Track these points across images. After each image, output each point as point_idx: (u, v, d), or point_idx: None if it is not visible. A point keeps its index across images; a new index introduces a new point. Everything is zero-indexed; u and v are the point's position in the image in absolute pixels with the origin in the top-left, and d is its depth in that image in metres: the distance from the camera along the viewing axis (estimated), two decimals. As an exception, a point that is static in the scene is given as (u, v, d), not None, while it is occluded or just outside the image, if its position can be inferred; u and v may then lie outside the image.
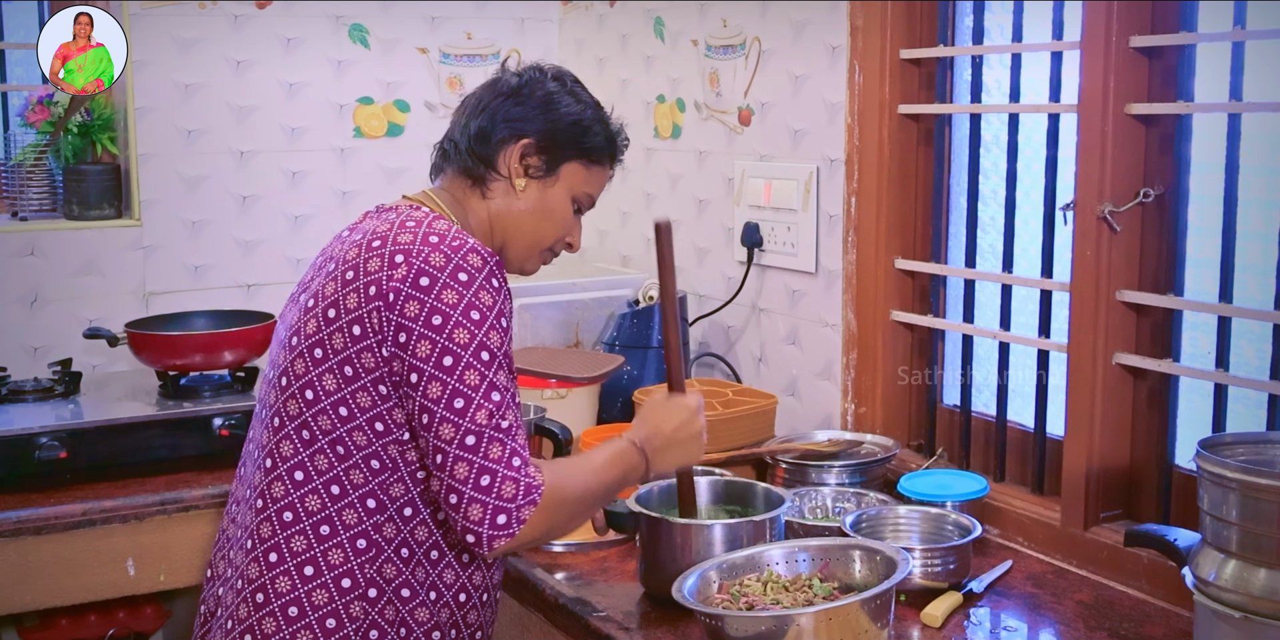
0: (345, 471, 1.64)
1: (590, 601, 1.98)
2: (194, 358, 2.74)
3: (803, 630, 1.65)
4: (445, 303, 1.58)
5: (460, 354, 1.57)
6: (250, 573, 1.67)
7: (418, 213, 1.70)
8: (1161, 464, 2.09)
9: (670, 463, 1.84)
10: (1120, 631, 1.88)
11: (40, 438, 2.49)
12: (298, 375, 1.65)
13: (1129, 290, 2.07)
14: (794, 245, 2.69)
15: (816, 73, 2.60)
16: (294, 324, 1.69)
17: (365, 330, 1.60)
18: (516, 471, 1.57)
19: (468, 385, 1.57)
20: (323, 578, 1.65)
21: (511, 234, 1.81)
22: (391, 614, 1.67)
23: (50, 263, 2.98)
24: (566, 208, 1.82)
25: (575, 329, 2.99)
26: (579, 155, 1.80)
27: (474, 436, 1.57)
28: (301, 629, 1.64)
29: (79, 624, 2.96)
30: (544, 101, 1.78)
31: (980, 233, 2.41)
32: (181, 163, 3.08)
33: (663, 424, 1.82)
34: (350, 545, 1.65)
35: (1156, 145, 2.05)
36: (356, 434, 1.63)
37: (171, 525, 2.48)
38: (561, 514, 1.63)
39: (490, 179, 1.79)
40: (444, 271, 1.59)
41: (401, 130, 3.30)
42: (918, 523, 2.12)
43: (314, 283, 1.72)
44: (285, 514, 1.66)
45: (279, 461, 1.67)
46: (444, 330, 1.57)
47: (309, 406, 1.64)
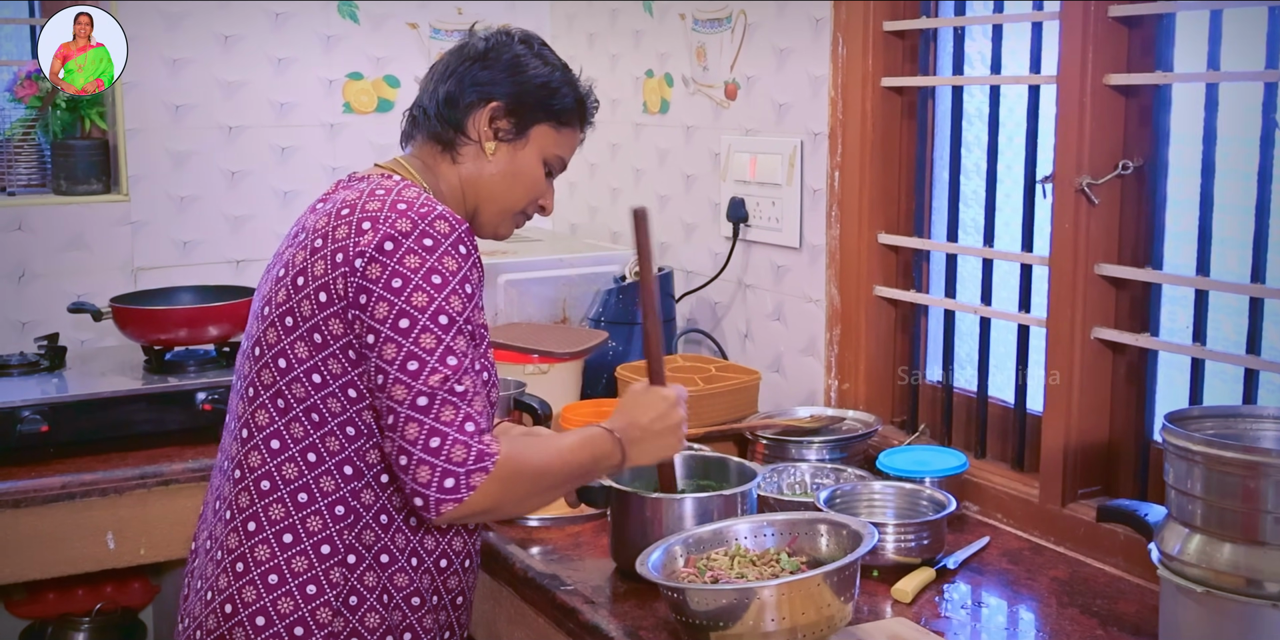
0: (321, 439, 1.64)
1: (560, 576, 1.97)
2: (179, 332, 2.74)
3: (765, 604, 1.63)
4: (406, 266, 1.57)
5: (418, 317, 1.56)
6: (230, 542, 1.67)
7: (388, 181, 1.70)
8: (1139, 440, 2.07)
9: (647, 455, 1.81)
10: (1093, 608, 1.86)
11: (23, 411, 2.49)
12: (270, 344, 1.65)
13: (1108, 264, 2.04)
14: (779, 220, 2.66)
15: (801, 46, 2.57)
16: (266, 294, 1.69)
17: (331, 297, 1.60)
18: (469, 436, 1.55)
19: (423, 348, 1.56)
20: (302, 545, 1.64)
21: (483, 198, 1.80)
22: (372, 580, 1.66)
23: (38, 238, 2.98)
24: (537, 170, 1.81)
25: (563, 305, 2.97)
26: (548, 117, 1.79)
27: (426, 398, 1.55)
28: (282, 596, 1.63)
29: (67, 598, 2.98)
30: (511, 64, 1.77)
31: (963, 206, 2.38)
32: (170, 138, 3.08)
33: (640, 415, 1.79)
34: (329, 512, 1.64)
35: (1136, 116, 2.02)
36: (330, 401, 1.62)
37: (151, 499, 2.48)
38: (516, 487, 1.60)
39: (460, 143, 1.78)
40: (409, 237, 1.58)
41: (391, 106, 3.28)
42: (892, 498, 2.10)
43: (286, 252, 1.72)
44: (263, 483, 1.66)
45: (255, 431, 1.67)
46: (403, 293, 1.56)
47: (282, 375, 1.64)
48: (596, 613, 1.84)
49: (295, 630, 1.63)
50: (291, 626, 1.63)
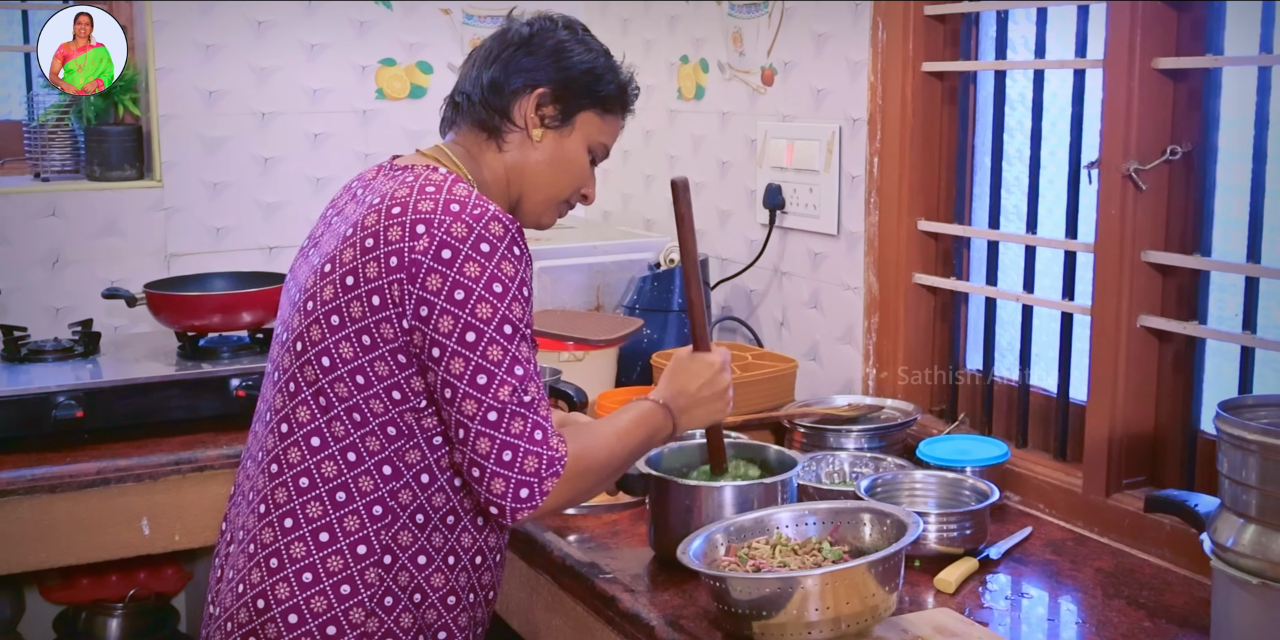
0: (362, 439, 1.62)
1: (598, 564, 1.96)
2: (212, 318, 2.73)
3: (809, 593, 1.61)
4: (468, 276, 1.55)
5: (484, 329, 1.54)
6: (264, 538, 1.65)
7: (435, 175, 1.66)
8: (1186, 429, 2.04)
9: (697, 421, 1.83)
10: (1139, 600, 1.83)
11: (58, 396, 2.49)
12: (314, 342, 1.62)
13: (1154, 251, 2.01)
14: (816, 207, 2.64)
15: (839, 30, 2.54)
16: (309, 288, 1.65)
17: (385, 301, 1.57)
18: (539, 445, 1.55)
19: (491, 361, 1.55)
20: (338, 544, 1.62)
21: (528, 186, 1.78)
22: (406, 580, 1.64)
23: (72, 224, 2.98)
24: (583, 158, 1.79)
25: (597, 292, 2.95)
26: (594, 104, 1.77)
27: (496, 413, 1.54)
28: (315, 595, 1.62)
29: (100, 584, 2.98)
30: (556, 50, 1.74)
31: (1004, 193, 2.35)
32: (202, 124, 3.07)
33: (688, 383, 1.80)
34: (366, 512, 1.63)
35: (1184, 101, 1.99)
36: (373, 402, 1.61)
37: (186, 485, 2.48)
38: (586, 481, 1.61)
39: (506, 131, 1.75)
40: (466, 243, 1.55)
41: (424, 92, 3.27)
42: (934, 487, 2.07)
43: (326, 241, 1.69)
44: (301, 480, 1.64)
45: (295, 427, 1.65)
46: (467, 305, 1.54)
47: (325, 373, 1.62)
48: (636, 601, 1.82)
49: (328, 629, 1.61)
50: (324, 625, 1.61)
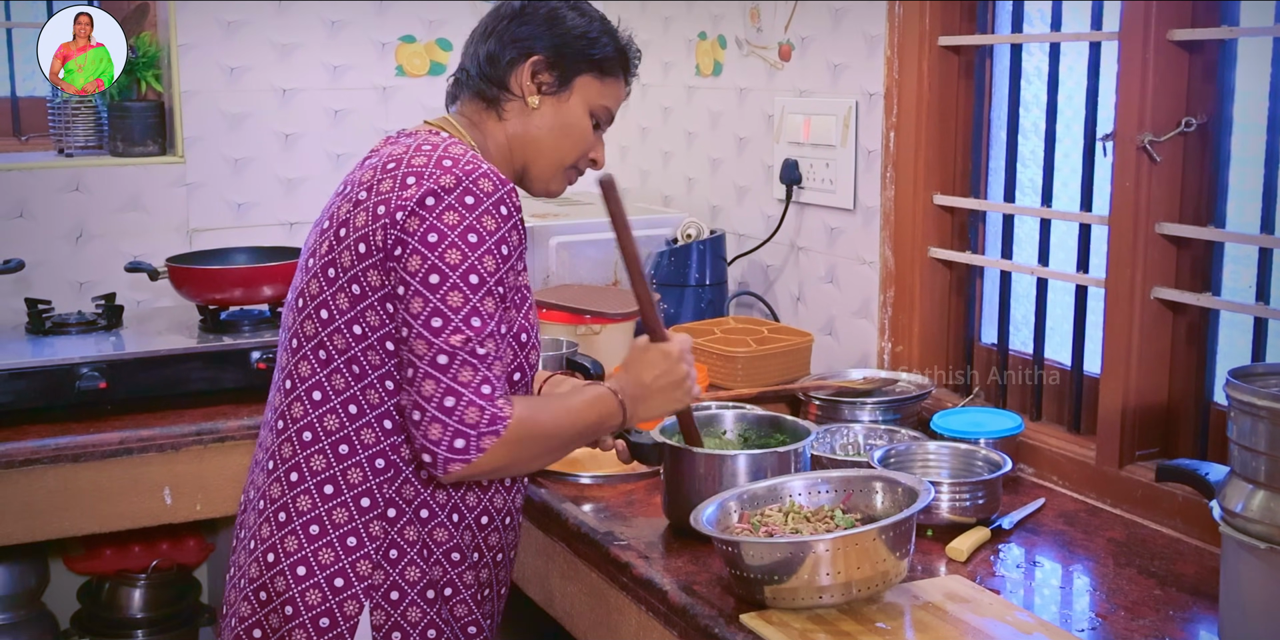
0: (362, 391, 1.65)
1: (614, 532, 1.98)
2: (234, 292, 2.75)
3: (820, 558, 1.63)
4: (445, 222, 1.57)
5: (448, 274, 1.57)
6: (272, 492, 1.69)
7: (435, 137, 1.70)
8: (1199, 401, 2.05)
9: (653, 410, 1.80)
10: (1150, 569, 1.84)
11: (81, 368, 2.52)
12: (312, 296, 1.66)
13: (1169, 223, 2.02)
14: (832, 182, 2.65)
15: (856, 6, 2.55)
16: (311, 246, 1.70)
17: (370, 248, 1.60)
18: (484, 399, 1.56)
19: (449, 306, 1.57)
20: (342, 496, 1.66)
21: (532, 154, 1.80)
22: (412, 534, 1.67)
23: (95, 199, 3.01)
24: (584, 122, 1.80)
25: (614, 267, 2.97)
26: (590, 68, 1.79)
27: (446, 356, 1.56)
28: (323, 547, 1.65)
29: (123, 555, 3.02)
30: (548, 18, 1.78)
31: (1020, 167, 2.35)
32: (225, 100, 3.09)
33: (641, 373, 1.78)
34: (369, 464, 1.66)
35: (1199, 73, 1.99)
36: (370, 353, 1.63)
37: (208, 456, 2.50)
38: (526, 449, 1.61)
39: (504, 100, 1.78)
40: (451, 193, 1.58)
41: (444, 69, 3.28)
42: (947, 458, 2.09)
43: (331, 205, 1.73)
44: (305, 433, 1.67)
45: (298, 382, 1.68)
46: (437, 248, 1.57)
47: (324, 326, 1.65)
48: (650, 567, 1.84)
49: (335, 581, 1.65)
50: (332, 577, 1.65)
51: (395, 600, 1.67)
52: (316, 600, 1.65)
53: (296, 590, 1.65)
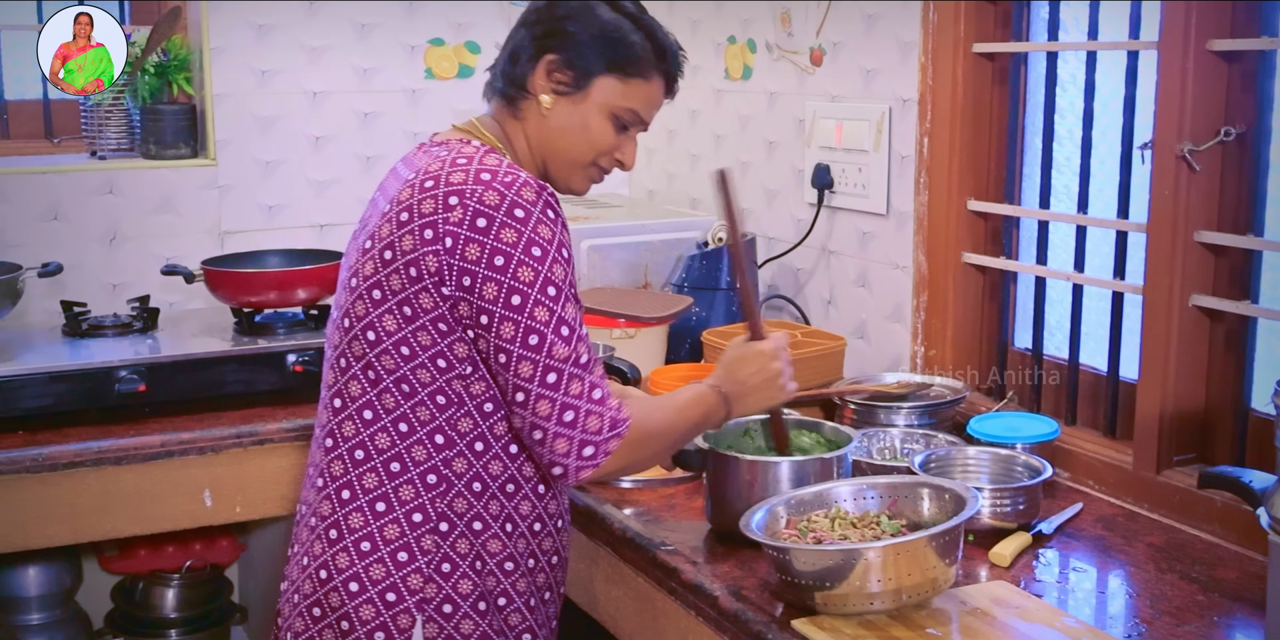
0: (412, 409, 1.66)
1: (659, 536, 2.00)
2: (268, 295, 2.77)
3: (870, 565, 1.65)
4: (505, 242, 1.58)
5: (528, 292, 1.58)
6: (323, 510, 1.71)
7: (468, 148, 1.69)
8: (1237, 407, 2.07)
9: (752, 407, 1.87)
10: (1192, 574, 1.86)
11: (120, 371, 2.54)
12: (358, 316, 1.67)
13: (1207, 231, 2.04)
14: (865, 187, 2.67)
15: (890, 11, 2.56)
16: (353, 265, 1.70)
17: (421, 272, 1.61)
18: (600, 404, 1.60)
19: (539, 321, 1.58)
20: (394, 513, 1.67)
21: (548, 153, 1.79)
22: (464, 547, 1.69)
23: (128, 201, 3.03)
24: (602, 124, 1.76)
25: (644, 270, 2.99)
26: (610, 68, 1.74)
27: (554, 374, 1.59)
28: (374, 563, 1.67)
29: (157, 555, 3.05)
30: (576, 15, 1.74)
31: (1055, 173, 2.37)
32: (256, 103, 3.11)
33: (739, 370, 1.84)
34: (420, 480, 1.67)
35: (1238, 82, 2.01)
36: (420, 371, 1.65)
37: (247, 458, 2.53)
38: (645, 449, 1.66)
39: (521, 99, 1.77)
40: (499, 210, 1.59)
41: (472, 72, 3.30)
42: (987, 463, 2.11)
43: (370, 220, 1.74)
44: (356, 452, 1.69)
45: (348, 401, 1.69)
46: (508, 270, 1.58)
47: (371, 347, 1.66)
48: (699, 572, 1.86)
49: (388, 596, 1.66)
50: (384, 592, 1.66)
51: (448, 613, 1.68)
52: (370, 615, 1.66)
53: (350, 606, 1.67)
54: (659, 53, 1.78)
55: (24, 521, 2.38)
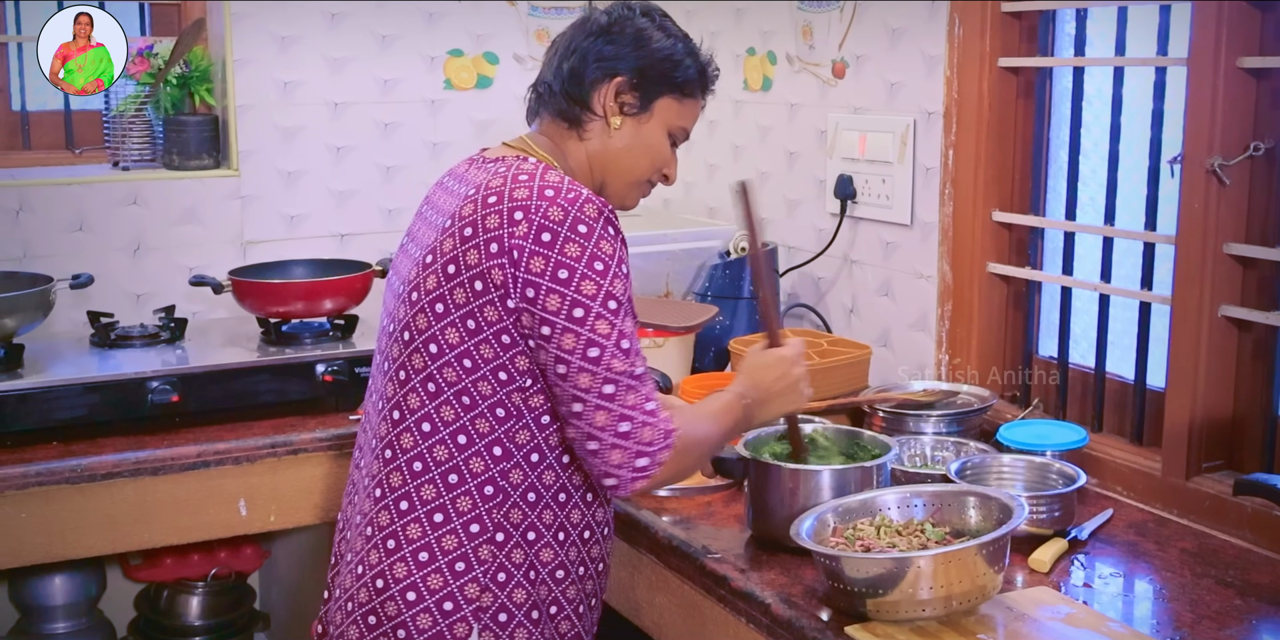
0: (471, 421, 1.69)
1: (706, 545, 2.03)
2: (296, 305, 2.80)
3: (922, 572, 1.69)
4: (569, 256, 1.61)
5: (590, 305, 1.61)
6: (381, 520, 1.73)
7: (527, 164, 1.72)
8: (1266, 415, 2.12)
9: (773, 412, 1.90)
10: (1226, 579, 1.91)
11: (152, 381, 2.55)
12: (420, 330, 1.70)
13: (1236, 243, 2.08)
14: (888, 197, 2.71)
15: (915, 25, 2.60)
16: (412, 279, 1.72)
17: (487, 285, 1.64)
18: (652, 416, 1.64)
19: (600, 334, 1.62)
20: (452, 524, 1.70)
21: (610, 172, 1.84)
22: (519, 557, 1.72)
23: (152, 212, 3.05)
24: (663, 142, 1.84)
25: (665, 280, 3.03)
26: (672, 90, 1.82)
27: (611, 386, 1.62)
28: (432, 573, 1.70)
29: (183, 563, 3.07)
30: (635, 38, 1.79)
31: (1080, 186, 2.42)
32: (278, 114, 3.13)
33: (761, 377, 1.87)
34: (478, 492, 1.70)
35: (1267, 98, 2.06)
36: (481, 384, 1.68)
37: (281, 467, 2.55)
38: (690, 458, 1.71)
39: (586, 120, 1.81)
40: (564, 225, 1.62)
41: (490, 82, 3.33)
42: (1022, 471, 2.15)
43: (425, 234, 1.76)
44: (415, 464, 1.71)
45: (407, 413, 1.72)
46: (571, 283, 1.61)
47: (433, 360, 1.69)
48: (748, 580, 1.90)
49: (444, 605, 1.69)
50: (441, 601, 1.69)
51: (503, 622, 1.71)
52: (427, 624, 1.69)
53: (407, 615, 1.69)
54: (702, 73, 1.85)
55: (62, 532, 2.39)
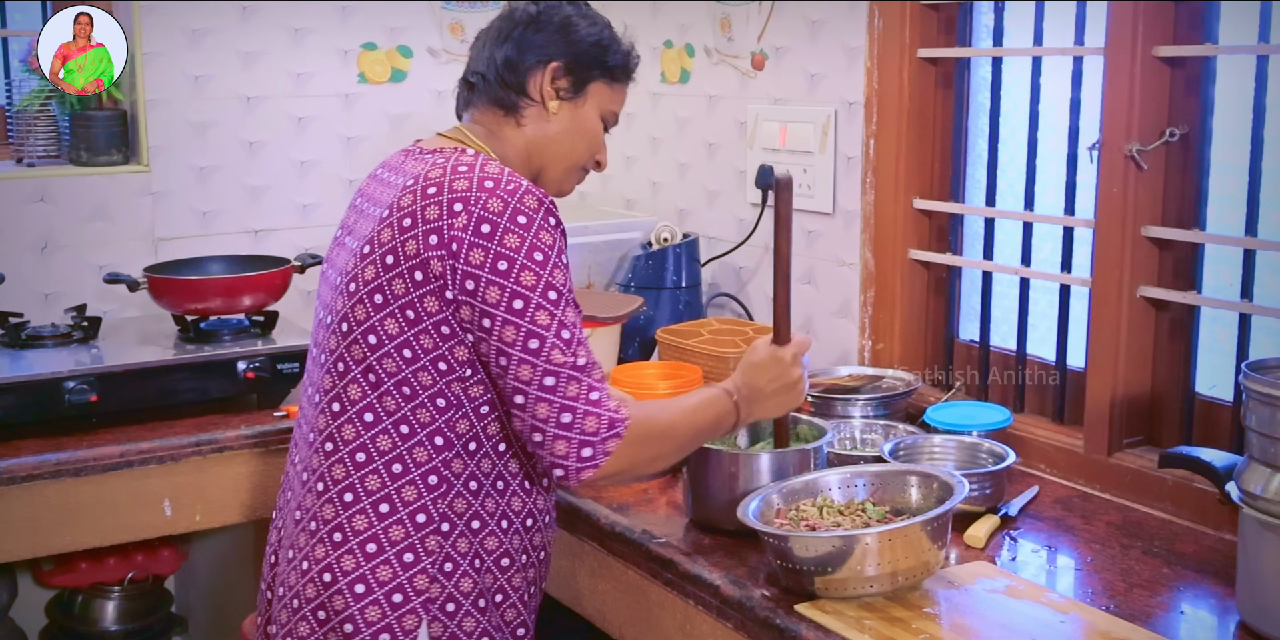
0: (413, 411, 1.69)
1: (646, 529, 2.05)
2: (214, 302, 2.75)
3: (869, 550, 1.73)
4: (508, 247, 1.62)
5: (529, 296, 1.62)
6: (325, 514, 1.72)
7: (466, 155, 1.73)
8: (1184, 392, 2.19)
9: (766, 412, 1.91)
10: (1153, 549, 1.97)
11: (68, 381, 2.50)
12: (359, 321, 1.69)
13: (1154, 226, 2.16)
14: (810, 187, 2.75)
15: (835, 17, 2.65)
16: (349, 270, 1.72)
17: (427, 276, 1.64)
18: (597, 406, 1.63)
19: (540, 325, 1.62)
20: (398, 514, 1.70)
21: (548, 157, 1.87)
22: (464, 546, 1.72)
23: (60, 209, 2.97)
24: (597, 125, 1.89)
25: (587, 271, 3.04)
26: (603, 74, 1.87)
27: (552, 377, 1.62)
28: (380, 564, 1.69)
29: (99, 567, 3.00)
30: (564, 25, 1.84)
31: (999, 173, 2.48)
32: (189, 108, 3.08)
33: (757, 377, 1.88)
34: (423, 481, 1.70)
35: (1182, 86, 2.13)
36: (421, 374, 1.67)
37: (206, 466, 2.51)
38: (648, 449, 1.70)
39: (523, 106, 1.84)
40: (503, 217, 1.63)
41: (405, 76, 3.31)
42: (953, 450, 2.20)
43: (361, 226, 1.76)
44: (358, 455, 1.71)
45: (348, 405, 1.71)
46: (511, 275, 1.62)
47: (373, 350, 1.68)
48: (695, 563, 1.92)
49: (394, 596, 1.69)
50: (390, 593, 1.69)
51: (451, 612, 1.72)
52: (376, 617, 1.68)
53: (356, 608, 1.68)
54: (627, 57, 1.91)
55: (-18, 536, 2.34)
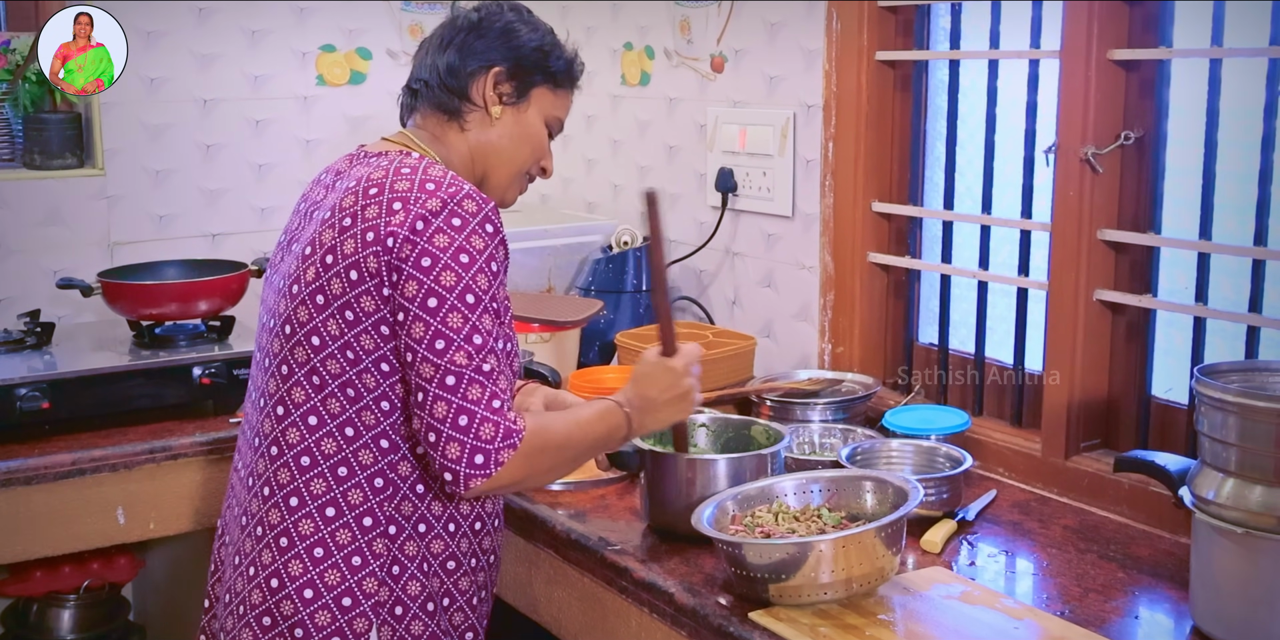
0: (357, 413, 1.67)
1: (604, 537, 2.03)
2: (170, 307, 2.72)
3: (823, 556, 1.72)
4: (436, 246, 1.61)
5: (445, 296, 1.61)
6: (271, 518, 1.70)
7: (410, 159, 1.72)
8: (1140, 395, 2.19)
9: (658, 423, 1.87)
10: (1109, 553, 1.97)
11: (20, 388, 2.46)
12: (301, 323, 1.68)
13: (1110, 229, 2.16)
14: (770, 190, 2.74)
15: (793, 20, 2.64)
16: (291, 272, 1.71)
17: (363, 274, 1.63)
18: (496, 413, 1.61)
19: (450, 327, 1.61)
20: (344, 518, 1.68)
21: (492, 162, 1.86)
22: (412, 549, 1.71)
23: (12, 213, 2.94)
24: (541, 131, 1.88)
25: (547, 275, 3.02)
26: (546, 79, 1.86)
27: (453, 377, 1.60)
28: (328, 568, 1.67)
29: (54, 576, 2.95)
30: (505, 31, 1.84)
31: (957, 176, 2.47)
32: (145, 111, 3.04)
33: (648, 388, 1.85)
34: (368, 484, 1.69)
35: (1137, 89, 2.13)
36: (365, 376, 1.66)
37: (160, 474, 2.48)
38: (542, 461, 1.67)
39: (466, 111, 1.83)
40: (438, 216, 1.62)
41: (364, 78, 3.28)
42: (910, 455, 2.20)
43: (305, 230, 1.74)
44: (303, 458, 1.69)
45: (292, 408, 1.70)
46: (431, 272, 1.61)
47: (316, 352, 1.67)
48: (650, 570, 1.90)
49: (343, 600, 1.67)
50: (339, 597, 1.67)
51: (399, 615, 1.70)
52: (326, 621, 1.67)
53: (305, 613, 1.67)
54: (569, 63, 1.90)
55: (-69, 546, 2.30)
